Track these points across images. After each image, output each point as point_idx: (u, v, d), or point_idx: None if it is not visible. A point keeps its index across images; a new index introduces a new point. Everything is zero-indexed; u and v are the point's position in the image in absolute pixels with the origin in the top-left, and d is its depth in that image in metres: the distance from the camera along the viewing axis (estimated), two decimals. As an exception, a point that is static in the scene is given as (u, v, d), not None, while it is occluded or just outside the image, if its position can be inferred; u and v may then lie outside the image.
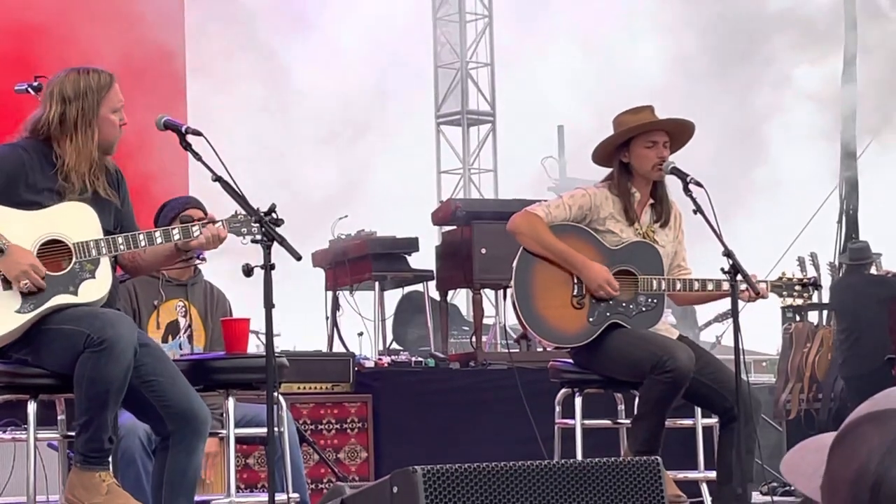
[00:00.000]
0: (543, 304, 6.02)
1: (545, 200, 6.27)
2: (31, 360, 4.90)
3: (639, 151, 6.09)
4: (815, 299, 8.37)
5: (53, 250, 4.91)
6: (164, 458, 4.96)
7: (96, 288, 4.95)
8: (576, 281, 6.03)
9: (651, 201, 6.17)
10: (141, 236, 5.02)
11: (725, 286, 5.87)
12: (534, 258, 6.04)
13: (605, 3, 14.88)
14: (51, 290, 4.88)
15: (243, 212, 5.02)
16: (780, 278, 6.27)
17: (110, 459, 4.90)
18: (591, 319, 6.02)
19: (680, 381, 5.80)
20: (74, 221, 4.96)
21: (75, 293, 4.91)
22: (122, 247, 4.98)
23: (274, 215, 4.93)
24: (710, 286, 6.06)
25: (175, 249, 5.13)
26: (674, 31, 12.62)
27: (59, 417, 5.18)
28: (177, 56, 9.95)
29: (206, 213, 6.19)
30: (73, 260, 4.92)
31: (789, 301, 6.26)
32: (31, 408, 4.92)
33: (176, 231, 5.06)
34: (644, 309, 6.08)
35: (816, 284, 6.38)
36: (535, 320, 6.02)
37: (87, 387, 4.75)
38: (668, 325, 6.24)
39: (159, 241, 5.04)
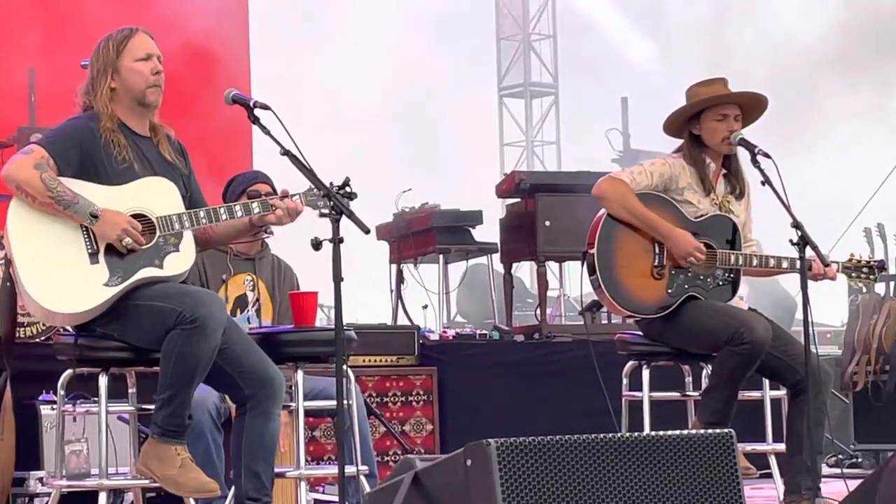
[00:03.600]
0: (625, 273, 5.99)
1: (611, 172, 6.22)
2: (116, 335, 4.93)
3: (709, 124, 6.05)
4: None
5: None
6: (242, 424, 5.00)
7: (181, 261, 4.99)
8: (657, 251, 6.00)
9: (724, 171, 6.14)
10: (222, 210, 5.05)
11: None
12: (617, 225, 5.99)
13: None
14: (137, 264, 4.91)
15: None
16: (850, 260, 6.21)
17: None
18: (669, 290, 6.00)
19: (756, 352, 5.77)
20: (156, 196, 5.00)
21: (161, 266, 4.94)
22: (203, 220, 5.02)
23: (348, 188, 4.91)
24: (784, 264, 6.02)
25: (248, 224, 5.15)
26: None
27: (129, 391, 5.22)
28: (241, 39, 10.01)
29: (273, 188, 6.21)
30: (157, 234, 4.95)
31: (858, 284, 6.20)
32: (103, 381, 4.96)
33: (255, 205, 5.08)
34: (721, 283, 6.05)
35: (882, 266, 6.31)
36: (616, 288, 5.98)
37: (176, 363, 4.79)
38: (737, 297, 6.20)
39: (239, 214, 5.06)
